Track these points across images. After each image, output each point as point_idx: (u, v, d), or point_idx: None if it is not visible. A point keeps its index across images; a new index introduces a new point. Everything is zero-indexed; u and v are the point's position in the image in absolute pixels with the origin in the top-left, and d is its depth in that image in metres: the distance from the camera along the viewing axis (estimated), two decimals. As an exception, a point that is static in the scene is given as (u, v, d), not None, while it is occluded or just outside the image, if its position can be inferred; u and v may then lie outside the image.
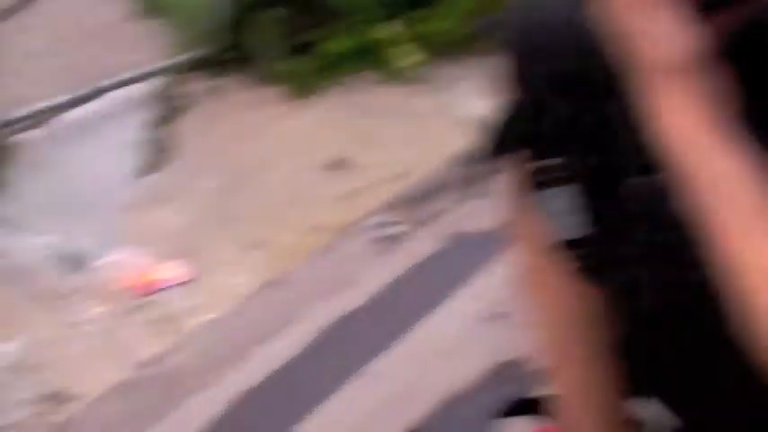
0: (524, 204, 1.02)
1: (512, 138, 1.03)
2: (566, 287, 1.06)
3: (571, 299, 1.07)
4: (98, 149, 4.17)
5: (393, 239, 3.42)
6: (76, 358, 3.18)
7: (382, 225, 3.50)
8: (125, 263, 3.55)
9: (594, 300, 1.04)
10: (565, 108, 0.94)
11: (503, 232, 3.30)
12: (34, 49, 4.34)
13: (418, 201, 3.68)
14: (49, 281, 3.45)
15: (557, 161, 0.95)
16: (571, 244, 0.97)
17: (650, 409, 1.06)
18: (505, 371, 2.75)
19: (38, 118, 4.32)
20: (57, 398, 3.03)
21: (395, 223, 3.52)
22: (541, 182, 0.97)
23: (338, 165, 4.33)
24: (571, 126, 0.94)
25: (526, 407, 1.58)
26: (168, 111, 4.58)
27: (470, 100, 5.00)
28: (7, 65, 4.23)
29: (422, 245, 3.37)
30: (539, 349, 1.13)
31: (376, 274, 3.18)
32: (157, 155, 4.26)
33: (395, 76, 5.12)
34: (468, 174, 3.88)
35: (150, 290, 3.45)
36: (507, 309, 3.00)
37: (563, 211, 0.95)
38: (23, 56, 4.29)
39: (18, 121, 4.22)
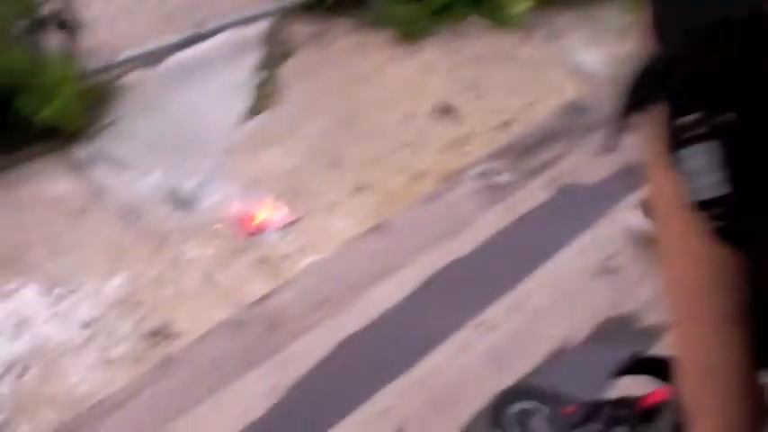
0: (659, 162, 0.95)
1: (647, 92, 0.96)
2: (700, 247, 0.99)
3: (705, 259, 1.00)
4: (206, 91, 4.18)
5: (500, 188, 3.35)
6: (181, 296, 3.20)
7: (489, 173, 3.43)
8: (231, 203, 3.55)
9: (728, 262, 0.97)
10: (707, 61, 0.87)
11: (613, 185, 3.21)
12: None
13: (527, 150, 3.60)
14: (156, 219, 3.47)
15: (695, 117, 0.89)
16: (708, 204, 0.91)
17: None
18: (615, 327, 2.68)
19: (147, 59, 4.34)
20: (161, 334, 3.04)
21: (502, 172, 3.44)
22: (678, 139, 0.91)
23: (445, 111, 4.27)
24: (711, 80, 0.87)
25: (644, 366, 1.52)
26: (276, 54, 4.56)
27: (581, 49, 4.89)
28: (118, 6, 4.24)
29: (530, 195, 3.29)
30: (664, 308, 1.06)
31: (482, 223, 3.12)
32: (264, 98, 4.25)
33: (504, 22, 5.02)
34: (578, 124, 3.79)
35: (256, 231, 3.45)
36: (618, 264, 2.92)
37: (701, 170, 0.90)
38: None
39: (127, 61, 4.24)
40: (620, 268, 2.90)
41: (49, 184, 3.63)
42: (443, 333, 2.57)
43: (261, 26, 4.70)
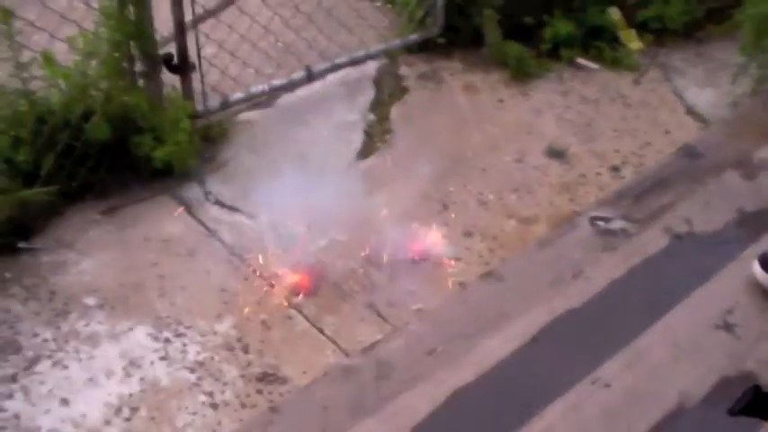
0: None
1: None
2: None
3: None
4: (317, 132, 4.21)
5: (613, 235, 3.27)
6: (289, 341, 3.18)
7: (601, 219, 3.35)
8: (340, 247, 3.54)
9: None
10: None
11: (730, 234, 3.10)
12: (254, 32, 4.38)
13: (639, 195, 3.51)
14: (266, 262, 3.47)
15: None
16: None
17: None
18: (735, 386, 2.57)
19: (257, 100, 4.39)
20: (267, 379, 3.03)
21: (614, 218, 3.36)
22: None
23: (556, 154, 4.21)
24: None
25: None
26: (386, 95, 4.57)
27: (695, 89, 4.79)
28: (229, 48, 4.29)
29: (644, 243, 3.20)
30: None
31: (595, 273, 3.04)
32: (375, 139, 4.25)
33: (615, 63, 4.96)
34: (693, 168, 3.69)
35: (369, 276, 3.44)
36: (737, 318, 2.82)
37: None
38: (243, 38, 4.34)
39: (239, 102, 4.30)
40: (741, 323, 2.79)
41: (160, 224, 3.67)
42: (556, 388, 2.49)
43: (371, 67, 4.71)
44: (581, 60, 4.95)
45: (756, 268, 2.91)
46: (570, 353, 2.65)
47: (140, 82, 3.83)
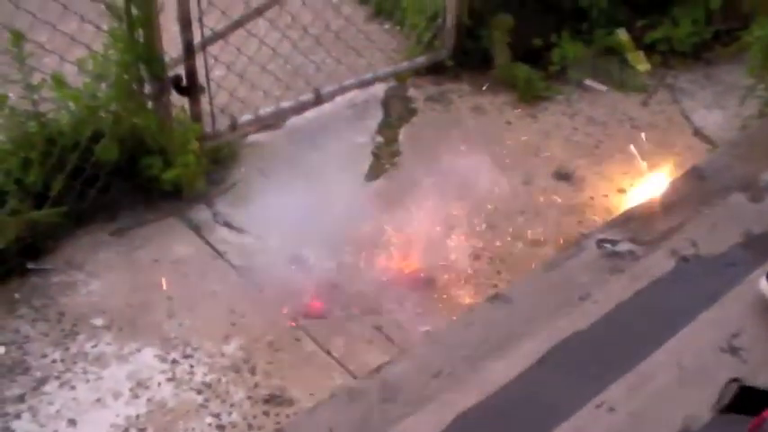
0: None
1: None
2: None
3: None
4: (326, 154, 4.21)
5: (620, 258, 3.26)
6: (296, 363, 3.19)
7: (608, 242, 3.34)
8: (348, 268, 3.56)
9: None
10: None
11: (737, 257, 3.10)
12: (263, 54, 4.41)
13: (647, 218, 3.50)
14: (274, 284, 3.48)
15: None
16: None
17: None
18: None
19: (266, 122, 4.40)
20: (274, 401, 3.04)
21: (622, 241, 3.35)
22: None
23: (563, 176, 4.22)
24: None
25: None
26: (395, 117, 4.58)
27: (703, 111, 4.79)
28: (238, 71, 4.31)
29: (651, 266, 3.19)
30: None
31: (602, 295, 3.02)
32: (384, 161, 4.26)
33: (623, 85, 4.97)
34: (700, 190, 3.68)
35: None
36: (744, 341, 2.81)
37: None
38: (252, 61, 4.37)
39: (247, 124, 4.31)
40: (747, 347, 2.78)
41: (169, 246, 3.69)
42: (561, 412, 2.48)
43: (379, 89, 4.73)
44: (589, 82, 4.97)
45: (763, 284, 2.90)
46: (576, 376, 2.64)
47: (149, 104, 3.85)
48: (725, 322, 2.87)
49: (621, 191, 4.14)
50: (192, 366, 3.16)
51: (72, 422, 2.94)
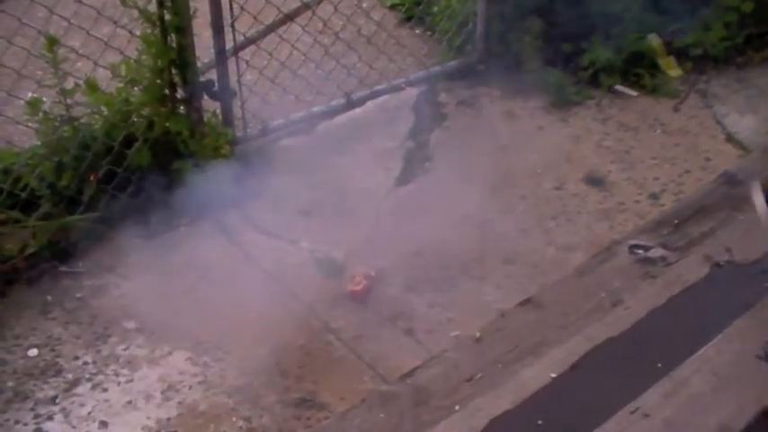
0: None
1: None
2: None
3: None
4: (356, 159, 4.21)
5: (652, 264, 3.24)
6: (327, 367, 3.19)
7: (640, 248, 3.32)
8: (379, 273, 3.56)
9: None
10: None
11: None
12: (295, 59, 4.41)
13: (679, 223, 3.48)
14: (304, 288, 3.49)
15: None
16: None
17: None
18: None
19: (297, 127, 4.41)
20: (305, 405, 3.04)
21: (654, 246, 3.33)
22: None
23: (595, 181, 4.20)
24: None
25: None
26: (426, 122, 4.57)
27: (735, 116, 4.75)
28: (269, 75, 4.32)
29: (684, 272, 3.17)
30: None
31: (635, 301, 3.01)
32: (415, 165, 4.26)
33: (655, 90, 4.94)
34: (733, 195, 3.65)
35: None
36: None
37: None
38: (283, 66, 4.37)
39: (278, 129, 4.32)
40: (785, 354, 2.76)
41: (200, 249, 3.69)
42: (595, 418, 2.47)
43: (410, 94, 4.72)
44: (620, 87, 4.94)
45: None
46: (610, 382, 2.63)
47: (181, 108, 3.87)
48: (759, 329, 2.85)
49: (653, 196, 4.11)
50: (223, 370, 3.16)
51: (103, 424, 2.95)
